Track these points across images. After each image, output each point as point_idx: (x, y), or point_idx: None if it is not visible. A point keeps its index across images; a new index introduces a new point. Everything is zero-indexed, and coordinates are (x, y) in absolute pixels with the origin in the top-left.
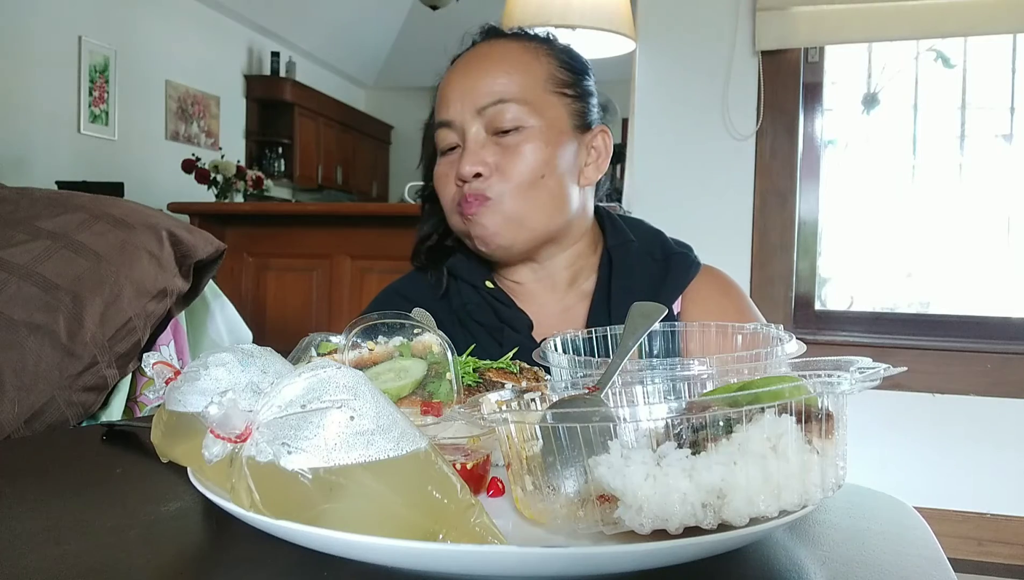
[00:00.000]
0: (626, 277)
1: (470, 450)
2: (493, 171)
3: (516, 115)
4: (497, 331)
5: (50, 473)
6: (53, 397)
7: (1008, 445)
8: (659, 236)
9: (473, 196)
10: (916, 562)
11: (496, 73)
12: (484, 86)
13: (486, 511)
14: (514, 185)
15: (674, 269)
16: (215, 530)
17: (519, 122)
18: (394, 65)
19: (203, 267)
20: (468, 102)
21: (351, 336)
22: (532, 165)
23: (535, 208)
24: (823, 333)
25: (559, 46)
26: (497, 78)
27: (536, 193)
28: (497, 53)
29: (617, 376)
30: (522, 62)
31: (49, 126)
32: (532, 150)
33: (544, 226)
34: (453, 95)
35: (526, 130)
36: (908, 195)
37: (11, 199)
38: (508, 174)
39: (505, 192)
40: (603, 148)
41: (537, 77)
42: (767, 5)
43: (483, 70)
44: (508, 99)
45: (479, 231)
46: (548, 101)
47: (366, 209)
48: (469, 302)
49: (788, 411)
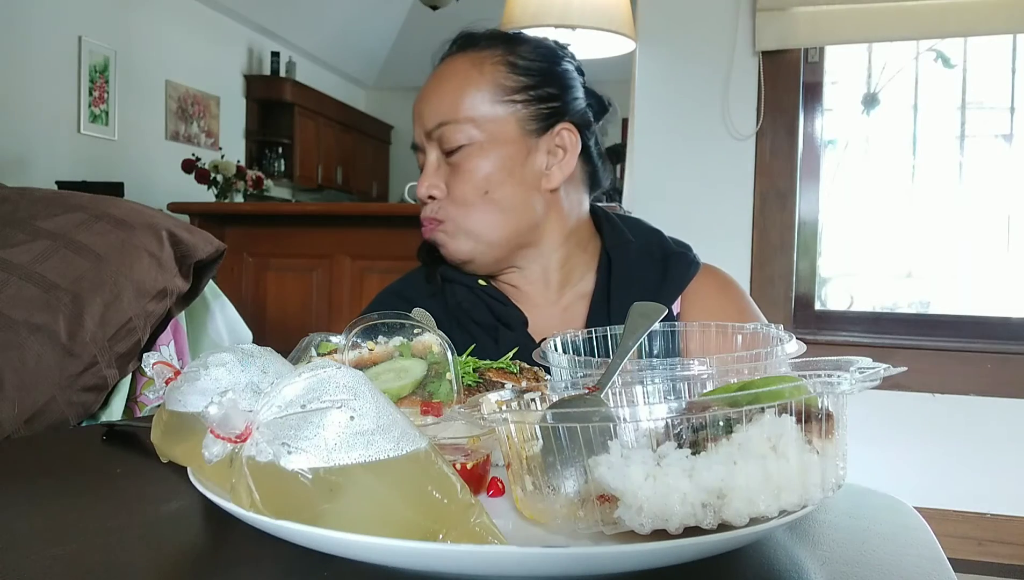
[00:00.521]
0: (625, 277)
1: (470, 450)
2: (445, 193)
3: (458, 135)
4: (492, 329)
5: (50, 473)
6: (53, 397)
7: (1008, 445)
8: (658, 235)
9: (427, 219)
10: (916, 562)
11: (440, 95)
12: (429, 110)
13: (486, 511)
14: (459, 205)
15: (673, 269)
16: (215, 530)
17: (462, 140)
18: (394, 65)
19: (203, 267)
20: (420, 127)
21: (351, 336)
22: (474, 182)
23: (485, 223)
24: (823, 333)
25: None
26: (441, 100)
27: (484, 208)
28: (446, 73)
29: (617, 376)
30: (466, 79)
31: (49, 126)
32: (473, 168)
33: (503, 237)
34: (413, 120)
35: (469, 148)
36: (908, 195)
37: (11, 199)
38: (453, 195)
39: (453, 213)
40: (569, 145)
41: (480, 90)
42: (767, 5)
43: (430, 93)
44: (448, 120)
45: (440, 249)
46: (492, 113)
47: (366, 209)
48: (464, 301)
49: (788, 411)
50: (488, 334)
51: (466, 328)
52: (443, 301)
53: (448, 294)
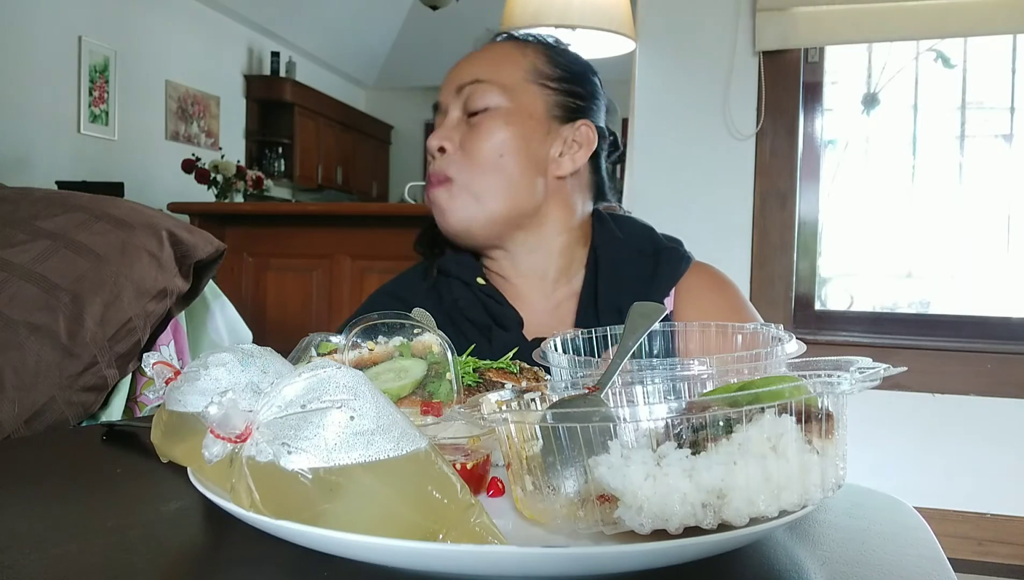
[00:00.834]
0: (613, 273)
1: (470, 450)
2: (457, 149)
3: (488, 96)
4: (486, 329)
5: (50, 473)
6: (53, 397)
7: (1008, 445)
8: (649, 232)
9: (435, 175)
10: (916, 562)
11: (481, 59)
12: (466, 69)
13: (486, 511)
14: (471, 161)
15: (664, 264)
16: (215, 530)
17: (490, 103)
18: (394, 65)
19: (203, 267)
20: (451, 84)
21: (351, 336)
22: (491, 143)
23: (490, 187)
24: (823, 333)
25: (555, 47)
26: (481, 63)
27: (492, 172)
28: (489, 48)
29: (617, 376)
30: (507, 54)
31: (49, 126)
32: (494, 129)
33: (503, 208)
34: (443, 83)
35: (494, 111)
36: (908, 195)
37: (11, 199)
38: (467, 150)
39: (462, 170)
40: (585, 141)
41: (519, 66)
42: (767, 5)
43: (470, 58)
44: (483, 79)
45: (436, 208)
46: (525, 88)
47: (366, 209)
48: (460, 298)
49: (788, 411)
50: (482, 334)
51: (460, 327)
52: (438, 300)
53: (444, 290)
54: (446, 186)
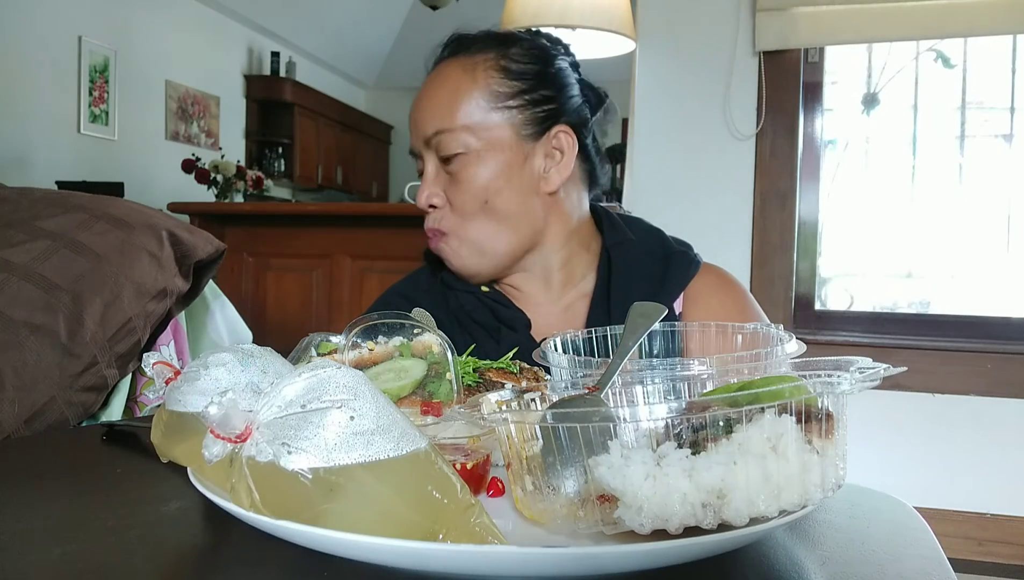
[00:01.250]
0: (625, 276)
1: (470, 450)
2: (446, 202)
3: (455, 143)
4: (495, 331)
5: (50, 473)
6: (53, 397)
7: (1008, 445)
8: (659, 234)
9: (432, 231)
10: (916, 562)
11: (435, 103)
12: (425, 118)
13: (486, 511)
14: (460, 215)
15: (674, 268)
16: (215, 530)
17: (459, 149)
18: (394, 65)
19: (203, 267)
20: (418, 135)
21: (351, 336)
22: (473, 192)
23: (488, 234)
24: (823, 333)
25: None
26: (436, 108)
27: (485, 218)
28: (438, 80)
29: (617, 376)
30: (459, 87)
31: (49, 126)
32: (471, 177)
33: (507, 248)
34: (410, 127)
35: (466, 156)
36: (908, 195)
37: (11, 199)
38: (454, 205)
39: (455, 224)
40: (566, 147)
41: (474, 98)
42: (767, 5)
43: (424, 100)
44: (444, 129)
45: (446, 262)
46: (488, 120)
47: (366, 209)
48: (466, 304)
49: (788, 411)
50: (490, 335)
51: (468, 329)
52: (445, 302)
53: (450, 297)
54: (445, 241)
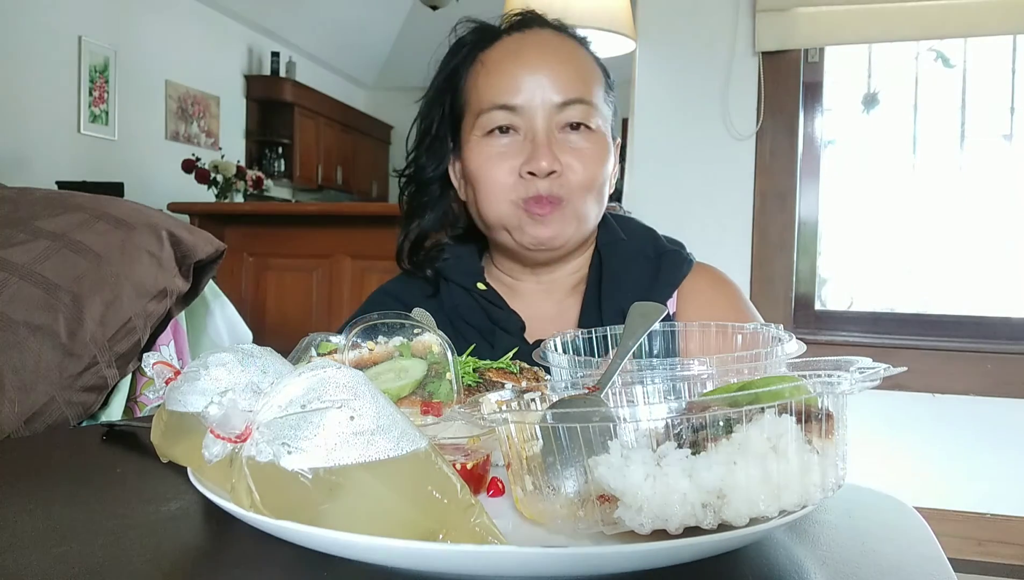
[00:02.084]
0: (616, 275)
1: (470, 450)
2: (565, 170)
3: (588, 117)
4: (489, 333)
5: (50, 473)
6: (53, 397)
7: (1008, 445)
8: (651, 234)
9: (548, 197)
10: (916, 562)
11: (575, 70)
12: (565, 81)
13: (486, 511)
14: (582, 188)
15: (666, 266)
16: (215, 530)
17: (593, 123)
18: (394, 65)
19: (203, 267)
20: (547, 93)
21: (351, 336)
22: (599, 170)
23: (591, 211)
24: (823, 333)
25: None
26: (576, 76)
27: (597, 198)
28: (565, 49)
29: (617, 376)
30: (590, 67)
31: (49, 126)
32: (599, 156)
33: (589, 230)
34: (525, 80)
35: (593, 134)
36: (908, 195)
37: (11, 199)
38: (580, 176)
39: (574, 194)
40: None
41: (598, 83)
42: (767, 6)
43: (561, 63)
44: (585, 100)
45: (544, 233)
46: (603, 109)
47: (366, 209)
48: (460, 304)
49: (788, 411)
50: (484, 338)
51: (460, 331)
52: (439, 302)
53: (445, 295)
54: (559, 209)
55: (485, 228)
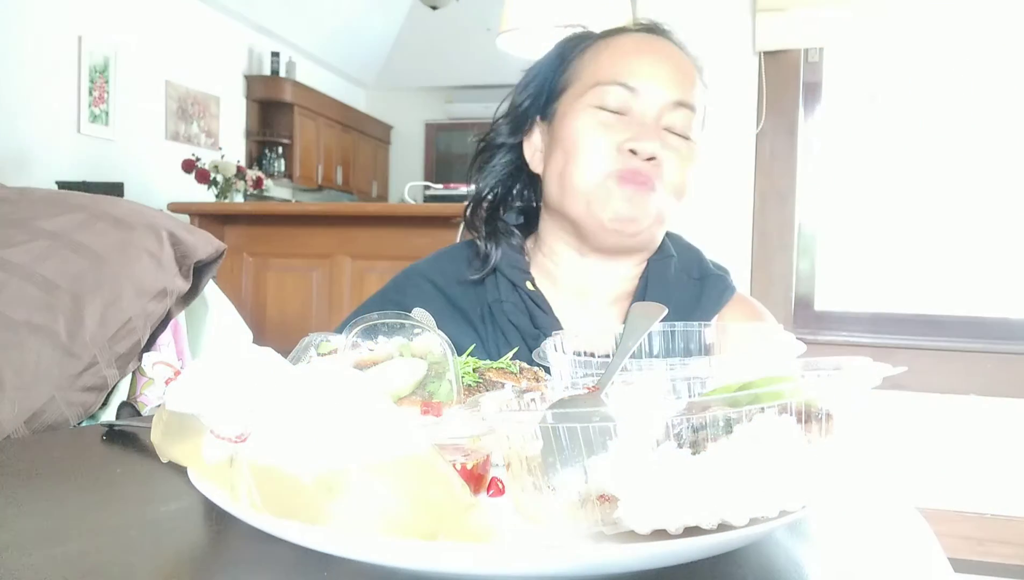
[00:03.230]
0: (663, 293)
1: (470, 450)
2: (663, 162)
3: (694, 127)
4: (532, 338)
5: (50, 473)
6: (53, 397)
7: (1008, 445)
8: (698, 254)
9: (648, 177)
10: (916, 562)
11: (691, 80)
12: (683, 84)
13: (486, 511)
14: (673, 186)
15: (709, 290)
16: (215, 530)
17: (692, 134)
18: (394, 65)
19: (203, 267)
20: (666, 88)
21: (351, 336)
22: (687, 178)
23: (672, 214)
24: (823, 333)
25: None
26: (690, 84)
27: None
28: (688, 63)
29: (617, 376)
30: (699, 86)
31: (49, 126)
32: (691, 165)
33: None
34: (649, 70)
35: (692, 144)
36: (908, 195)
37: (11, 199)
38: (674, 174)
39: (665, 188)
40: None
41: (702, 102)
42: (767, 5)
43: (682, 70)
44: (695, 108)
45: (627, 211)
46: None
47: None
48: (507, 300)
49: (788, 411)
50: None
51: (501, 327)
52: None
53: (490, 286)
54: (651, 192)
55: (562, 196)
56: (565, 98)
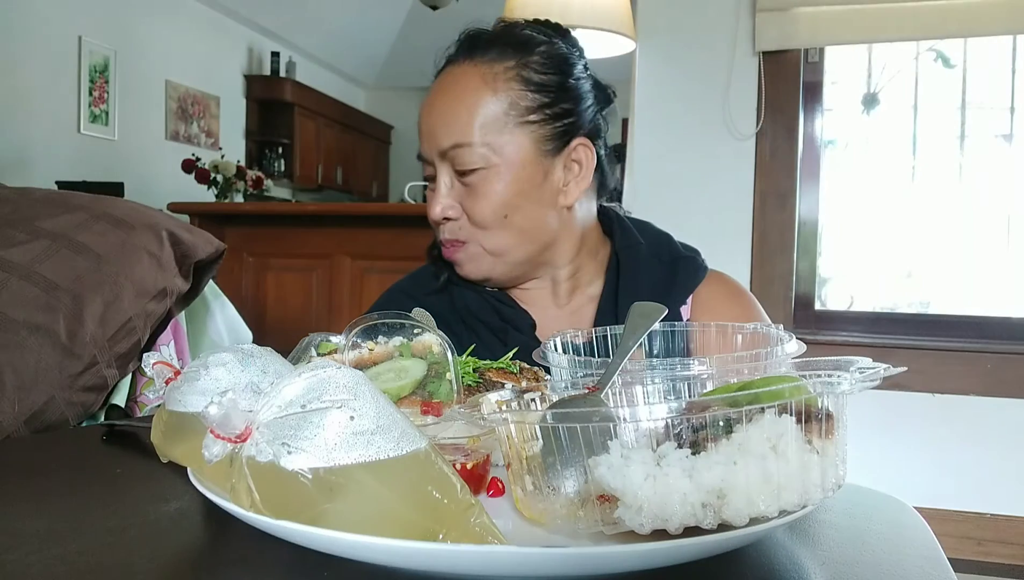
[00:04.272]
0: (633, 280)
1: (470, 450)
2: (462, 213)
3: (474, 157)
4: (501, 331)
5: (50, 473)
6: (53, 397)
7: (1008, 445)
8: (667, 239)
9: (448, 241)
10: (916, 562)
11: (454, 114)
12: (443, 128)
13: (486, 511)
14: (480, 228)
15: (681, 273)
16: (215, 530)
17: (479, 163)
18: (394, 65)
19: (203, 267)
20: (432, 143)
21: (351, 336)
22: (494, 207)
23: (506, 244)
24: (823, 333)
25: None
26: (456, 120)
27: (505, 231)
28: (456, 89)
29: (617, 376)
30: (479, 98)
31: (49, 126)
32: (492, 193)
33: (522, 257)
34: (421, 132)
35: (485, 171)
36: (908, 195)
37: (11, 199)
38: (473, 218)
39: (473, 234)
40: (584, 161)
41: (494, 112)
42: (767, 6)
43: (440, 109)
44: (463, 143)
45: (464, 271)
46: (509, 136)
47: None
48: (471, 303)
49: (788, 411)
50: (496, 335)
51: (473, 329)
52: (450, 302)
53: (456, 294)
54: (462, 249)
55: None
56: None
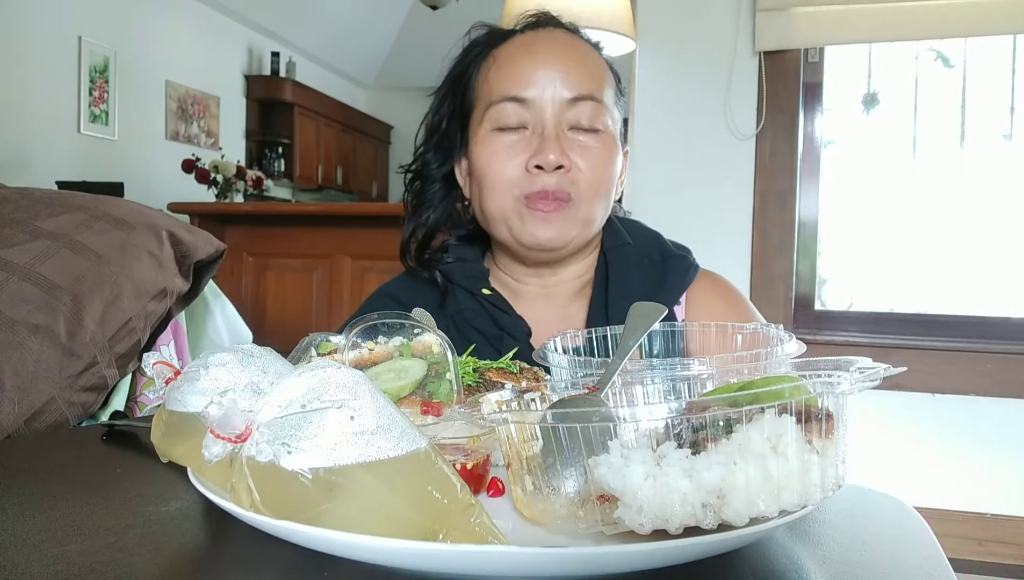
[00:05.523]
0: (623, 280)
1: (470, 450)
2: (573, 167)
3: (598, 117)
4: (496, 339)
5: (50, 473)
6: (53, 397)
7: (1008, 445)
8: (657, 238)
9: (555, 194)
10: (916, 562)
11: (587, 68)
12: (577, 78)
13: (486, 511)
14: (591, 189)
15: (672, 271)
16: (215, 530)
17: (599, 125)
18: (394, 65)
19: (203, 267)
20: (558, 88)
21: (351, 336)
22: (609, 172)
23: (598, 213)
24: (823, 333)
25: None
26: (588, 74)
27: (604, 199)
28: (579, 50)
29: (617, 376)
30: (600, 66)
31: (49, 126)
32: (609, 157)
33: (590, 235)
34: (537, 74)
35: (603, 135)
36: (908, 195)
37: (11, 199)
38: (588, 175)
39: (583, 193)
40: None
41: (609, 85)
42: (767, 6)
43: (573, 61)
44: (597, 98)
45: (546, 234)
46: (616, 114)
47: (366, 209)
48: (466, 309)
49: (788, 411)
50: (491, 344)
51: (466, 335)
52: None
53: (450, 299)
54: (565, 208)
55: (486, 224)
56: (472, 123)
